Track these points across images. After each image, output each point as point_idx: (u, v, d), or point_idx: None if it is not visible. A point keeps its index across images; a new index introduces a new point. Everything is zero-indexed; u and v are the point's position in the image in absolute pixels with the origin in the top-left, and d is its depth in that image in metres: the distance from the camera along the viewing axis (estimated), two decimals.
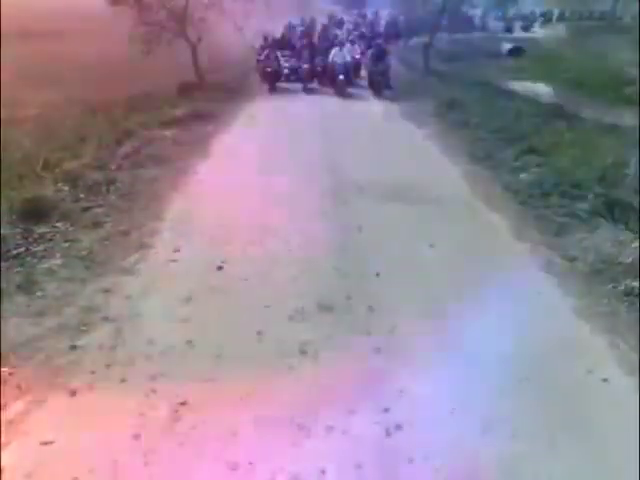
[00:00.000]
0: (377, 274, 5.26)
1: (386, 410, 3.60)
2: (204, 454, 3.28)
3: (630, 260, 5.36)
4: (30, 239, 5.96)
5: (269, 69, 15.07)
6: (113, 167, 8.16)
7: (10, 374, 4.00)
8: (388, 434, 3.43)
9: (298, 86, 15.31)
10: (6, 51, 17.33)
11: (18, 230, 6.10)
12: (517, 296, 5.01)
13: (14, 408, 3.67)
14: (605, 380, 3.98)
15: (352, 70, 15.48)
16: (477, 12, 26.65)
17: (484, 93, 14.82)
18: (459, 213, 6.81)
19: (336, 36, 18.70)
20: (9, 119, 11.97)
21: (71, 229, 6.23)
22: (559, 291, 5.08)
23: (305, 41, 16.99)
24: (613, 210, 6.45)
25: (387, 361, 4.07)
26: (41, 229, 6.17)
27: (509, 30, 27.45)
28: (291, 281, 5.12)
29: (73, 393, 3.78)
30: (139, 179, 7.71)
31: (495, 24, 28.33)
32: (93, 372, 3.99)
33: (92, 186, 7.36)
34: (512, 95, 15.79)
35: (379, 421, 3.51)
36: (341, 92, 14.36)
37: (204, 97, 12.58)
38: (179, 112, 11.22)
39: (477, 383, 3.88)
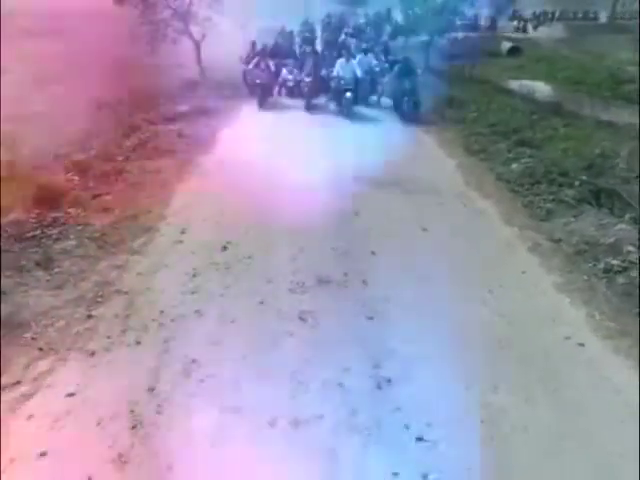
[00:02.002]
0: (372, 252, 5.67)
1: (377, 367, 4.01)
2: (212, 403, 3.68)
3: (612, 241, 5.76)
4: (45, 222, 6.36)
5: (259, 80, 12.79)
6: (120, 159, 8.57)
7: (33, 338, 4.41)
8: (379, 387, 3.83)
9: (300, 102, 12.73)
10: (11, 50, 17.84)
11: (33, 214, 6.50)
12: (502, 273, 5.41)
13: (38, 367, 4.08)
14: (581, 344, 4.38)
15: (366, 86, 12.83)
16: (476, 12, 27.01)
17: (482, 91, 15.21)
18: (452, 201, 7.21)
19: (344, 43, 16.14)
20: (15, 116, 12.42)
21: (83, 214, 6.64)
22: (542, 269, 5.49)
23: (307, 48, 14.82)
24: (599, 197, 6.85)
25: (379, 327, 4.49)
26: (54, 214, 6.58)
27: (508, 30, 27.85)
28: (291, 260, 5.53)
29: (92, 354, 4.20)
30: (145, 169, 8.12)
31: (494, 24, 28.70)
32: (109, 337, 4.40)
33: (101, 176, 7.78)
34: (510, 93, 16.20)
35: (371, 376, 3.92)
36: (348, 113, 11.82)
37: (207, 94, 12.97)
38: (183, 108, 11.64)
39: (462, 346, 4.28)
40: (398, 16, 23.24)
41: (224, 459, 3.24)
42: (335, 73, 12.21)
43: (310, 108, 12.51)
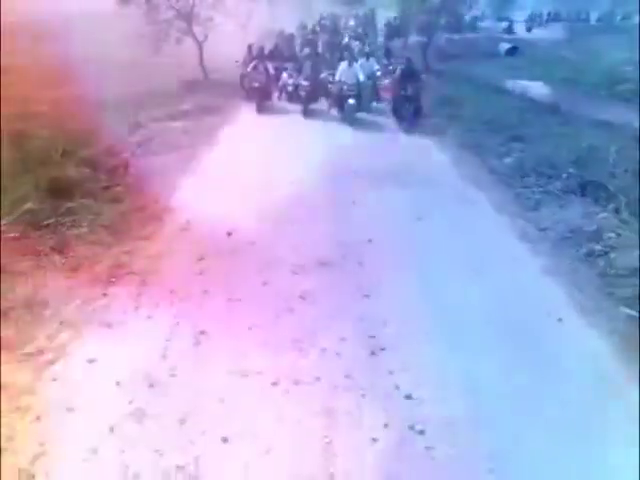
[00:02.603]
0: (369, 240, 6.07)
1: (372, 337, 4.41)
2: (221, 367, 4.08)
3: (594, 228, 6.17)
4: (58, 212, 6.76)
5: (256, 84, 12.50)
6: (127, 154, 8.98)
7: (53, 315, 4.81)
8: (373, 354, 4.23)
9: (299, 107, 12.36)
10: (14, 51, 18.28)
11: (47, 204, 6.90)
12: (492, 258, 5.82)
13: (59, 338, 4.48)
14: (560, 320, 4.78)
15: (368, 92, 12.36)
16: (476, 13, 27.48)
17: (480, 90, 15.61)
18: (447, 192, 7.62)
19: (347, 46, 15.68)
20: (22, 114, 12.84)
21: (94, 204, 7.05)
22: (530, 254, 5.89)
23: (307, 51, 14.48)
24: (585, 188, 7.24)
25: (374, 304, 4.90)
26: (67, 204, 6.98)
27: (508, 31, 28.31)
28: (293, 245, 5.94)
29: (109, 326, 4.60)
30: (152, 164, 8.55)
31: (494, 25, 29.19)
32: (124, 312, 4.80)
33: (110, 169, 8.20)
34: (508, 93, 16.60)
35: (366, 345, 4.33)
36: (350, 119, 11.36)
37: (209, 93, 13.41)
38: (186, 106, 12.08)
39: (451, 320, 4.68)
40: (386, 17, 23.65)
41: (231, 413, 3.64)
42: (337, 78, 11.68)
43: (307, 114, 12.02)
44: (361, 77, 11.71)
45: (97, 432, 3.49)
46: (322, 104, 12.59)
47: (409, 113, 11.07)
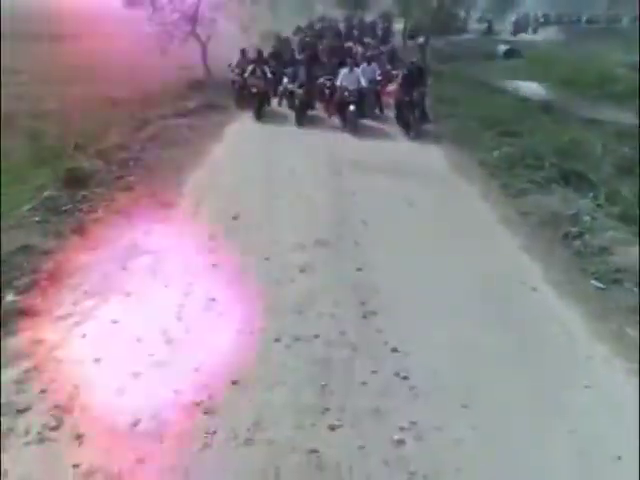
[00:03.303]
0: (363, 222, 6.66)
1: (364, 304, 4.99)
2: (229, 327, 4.66)
3: (573, 212, 6.74)
4: (75, 199, 7.36)
5: (254, 89, 12.02)
6: (137, 148, 9.58)
7: (76, 285, 5.39)
8: (365, 317, 4.81)
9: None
10: (23, 52, 18.95)
11: (64, 193, 7.50)
12: (476, 238, 6.40)
13: (84, 304, 5.06)
14: (534, 289, 5.36)
15: (370, 98, 12.11)
16: (474, 15, 28.19)
17: (476, 90, 16.21)
18: (437, 183, 8.22)
19: (349, 50, 15.47)
20: (33, 112, 13.48)
21: (107, 193, 7.64)
22: (510, 235, 6.48)
23: (307, 54, 13.90)
24: (567, 178, 7.83)
25: (366, 276, 5.48)
26: (83, 192, 7.58)
27: (505, 33, 29.03)
28: (294, 227, 6.53)
29: (128, 294, 5.18)
30: (161, 157, 9.15)
31: (492, 27, 29.87)
32: (142, 283, 5.38)
33: (121, 162, 8.79)
34: (504, 93, 17.19)
35: (358, 309, 4.91)
36: (352, 127, 10.93)
37: (213, 92, 14.01)
38: (191, 104, 12.67)
39: (436, 289, 5.27)
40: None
41: (239, 362, 4.21)
42: (338, 83, 11.31)
43: (302, 122, 11.51)
44: (363, 82, 11.35)
45: (123, 377, 4.06)
46: (320, 111, 12.35)
47: (414, 120, 10.70)
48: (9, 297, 5.23)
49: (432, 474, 3.29)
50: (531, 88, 18.88)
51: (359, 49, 16.37)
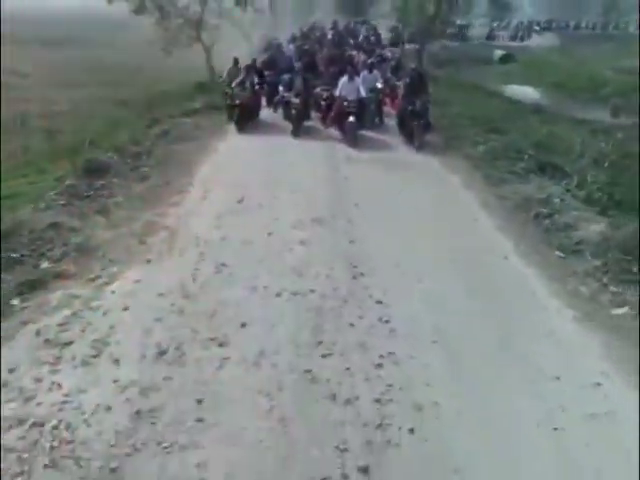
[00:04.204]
0: (356, 204, 7.56)
1: (354, 267, 5.87)
2: (237, 285, 5.52)
3: (544, 196, 7.62)
4: (94, 187, 8.25)
5: (241, 101, 11.51)
6: (148, 143, 10.50)
7: (102, 255, 6.27)
8: (354, 277, 5.68)
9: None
10: (30, 57, 19.96)
11: (84, 182, 8.39)
12: (457, 220, 7.28)
13: (110, 270, 5.92)
14: (505, 258, 6.23)
15: (372, 108, 11.75)
16: (470, 21, 29.25)
17: (470, 93, 17.13)
18: (425, 174, 9.12)
19: (350, 57, 15.15)
20: (44, 113, 14.46)
21: (124, 182, 8.54)
22: (487, 216, 7.36)
23: (303, 62, 13.16)
24: (544, 168, 8.71)
25: (358, 247, 6.37)
26: (101, 181, 8.48)
27: (502, 39, 30.08)
28: (293, 207, 7.44)
29: (148, 261, 6.06)
30: (171, 151, 10.05)
31: (489, 33, 30.93)
32: (160, 253, 6.26)
33: (135, 155, 9.70)
34: (497, 96, 18.15)
35: (349, 272, 5.78)
36: (351, 139, 10.58)
37: (217, 93, 14.91)
38: (196, 105, 13.61)
39: (420, 259, 6.13)
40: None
41: (245, 312, 5.07)
42: (337, 93, 10.96)
43: (298, 134, 11.21)
44: (363, 92, 11.00)
45: (149, 321, 4.92)
46: (317, 122, 12.01)
47: (418, 130, 10.35)
48: (44, 265, 6.12)
49: (406, 387, 4.14)
50: (524, 91, 19.83)
51: (361, 56, 16.23)
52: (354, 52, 16.91)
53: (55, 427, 3.73)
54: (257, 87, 12.24)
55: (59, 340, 4.65)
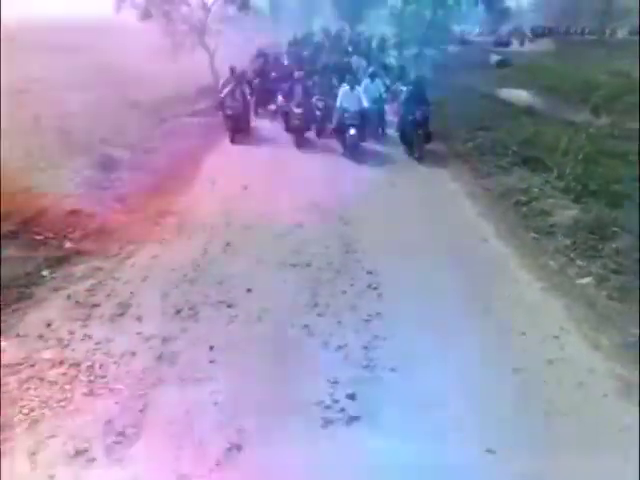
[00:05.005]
0: (352, 195, 8.32)
1: (347, 244, 6.62)
2: (242, 260, 6.27)
3: (525, 186, 8.37)
4: (109, 179, 9.02)
5: (230, 112, 11.45)
6: (157, 140, 11.27)
7: (119, 237, 7.01)
8: (347, 252, 6.44)
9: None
10: (40, 62, 20.81)
11: (100, 174, 9.15)
12: (444, 208, 8.03)
13: (128, 248, 6.67)
14: (485, 240, 6.97)
15: (374, 118, 11.44)
16: (467, 27, 30.13)
17: (465, 96, 17.86)
18: (416, 168, 9.87)
19: (349, 65, 14.75)
20: (57, 114, 15.21)
21: (137, 175, 9.29)
22: (471, 205, 8.11)
23: (301, 72, 12.49)
24: (528, 163, 9.45)
25: (351, 228, 7.13)
26: (116, 173, 9.25)
27: (500, 44, 30.94)
28: (292, 195, 8.21)
29: (161, 242, 6.81)
30: (179, 147, 10.83)
31: (486, 38, 31.82)
32: (171, 235, 7.01)
33: (145, 150, 10.47)
34: (491, 98, 18.90)
35: (343, 249, 6.54)
36: (352, 153, 10.35)
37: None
38: (201, 106, 14.42)
39: (407, 239, 6.87)
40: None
41: (250, 281, 5.81)
42: (338, 103, 10.69)
43: (302, 145, 11.09)
44: (365, 102, 10.69)
45: (166, 287, 5.67)
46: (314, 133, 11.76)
47: (419, 140, 10.28)
48: (67, 244, 6.87)
49: (390, 337, 4.86)
50: (518, 94, 20.58)
51: (362, 63, 16.08)
52: (354, 58, 16.97)
53: (90, 366, 4.47)
54: (248, 97, 12.22)
55: (88, 302, 5.40)
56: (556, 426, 3.91)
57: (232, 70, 12.40)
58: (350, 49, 20.15)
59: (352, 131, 10.36)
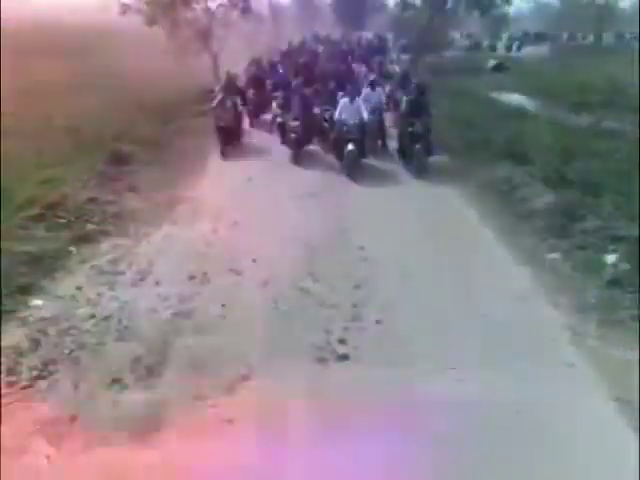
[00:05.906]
0: (348, 188, 9.16)
1: (341, 224, 7.45)
2: (249, 237, 7.09)
3: (507, 175, 9.19)
4: (122, 172, 9.86)
5: (222, 123, 11.13)
6: (165, 138, 12.13)
7: (135, 220, 7.84)
8: (341, 230, 7.27)
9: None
10: (45, 65, 21.71)
11: (112, 168, 9.99)
12: (431, 196, 8.85)
13: (144, 229, 7.50)
14: (468, 222, 7.79)
15: (374, 131, 11.07)
16: (465, 32, 31.13)
17: (459, 98, 18.72)
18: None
19: (350, 73, 14.59)
20: (66, 114, 16.06)
21: (148, 168, 10.14)
22: (457, 194, 8.94)
23: (299, 81, 12.22)
24: (513, 157, 10.27)
25: (345, 212, 7.98)
26: (126, 168, 10.09)
27: (497, 49, 31.96)
28: (291, 185, 9.08)
29: (175, 223, 7.64)
30: (186, 144, 11.70)
31: (484, 43, 32.80)
32: (184, 218, 7.84)
33: (154, 147, 11.33)
34: (485, 100, 19.75)
35: (337, 228, 7.37)
36: (350, 170, 9.73)
37: None
38: (206, 107, 15.24)
39: (395, 220, 7.69)
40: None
41: (255, 252, 6.62)
42: (337, 116, 10.05)
43: (298, 161, 10.57)
44: (365, 115, 10.07)
45: (179, 260, 6.49)
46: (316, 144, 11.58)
47: (418, 154, 9.90)
48: (89, 226, 7.68)
49: (376, 299, 5.67)
50: (513, 98, 21.43)
51: (363, 69, 16.24)
52: (354, 64, 17.48)
53: (119, 320, 5.27)
54: (240, 107, 12.10)
55: (112, 271, 6.22)
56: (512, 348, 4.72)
57: (227, 75, 12.80)
58: (350, 56, 20.63)
59: (350, 146, 9.75)
